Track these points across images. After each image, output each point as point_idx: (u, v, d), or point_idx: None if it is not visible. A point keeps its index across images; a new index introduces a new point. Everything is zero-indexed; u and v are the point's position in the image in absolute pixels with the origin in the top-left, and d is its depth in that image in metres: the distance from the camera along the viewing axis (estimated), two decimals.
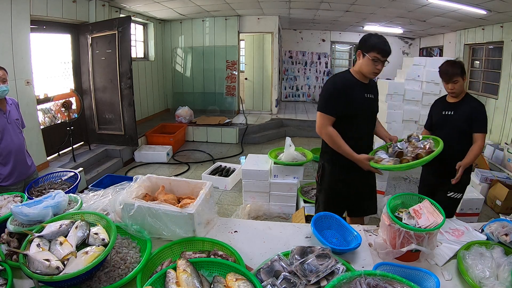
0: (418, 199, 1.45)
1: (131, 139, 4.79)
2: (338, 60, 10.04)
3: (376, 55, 1.69)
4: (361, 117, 1.84)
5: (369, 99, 1.86)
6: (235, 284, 1.02)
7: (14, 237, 1.25)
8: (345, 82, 1.79)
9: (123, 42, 4.41)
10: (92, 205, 1.51)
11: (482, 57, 5.94)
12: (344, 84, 1.78)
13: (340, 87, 1.77)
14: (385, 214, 1.31)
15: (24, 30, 3.50)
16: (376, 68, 1.72)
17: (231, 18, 6.82)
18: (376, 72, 1.74)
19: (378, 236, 1.38)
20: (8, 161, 2.11)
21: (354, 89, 1.78)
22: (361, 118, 1.85)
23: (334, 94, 1.77)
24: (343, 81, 1.80)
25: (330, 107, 1.77)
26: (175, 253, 1.29)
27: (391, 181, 4.24)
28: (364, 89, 1.82)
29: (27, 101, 3.55)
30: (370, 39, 1.73)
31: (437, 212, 1.32)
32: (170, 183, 1.61)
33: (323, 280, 1.04)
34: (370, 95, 1.86)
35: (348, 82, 1.79)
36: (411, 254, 1.29)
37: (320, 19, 7.24)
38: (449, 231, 1.50)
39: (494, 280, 1.14)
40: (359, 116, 1.82)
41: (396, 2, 4.97)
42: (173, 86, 7.64)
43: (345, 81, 1.80)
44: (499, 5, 4.19)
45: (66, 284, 1.03)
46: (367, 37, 1.74)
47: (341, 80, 1.81)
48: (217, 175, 4.06)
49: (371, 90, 1.88)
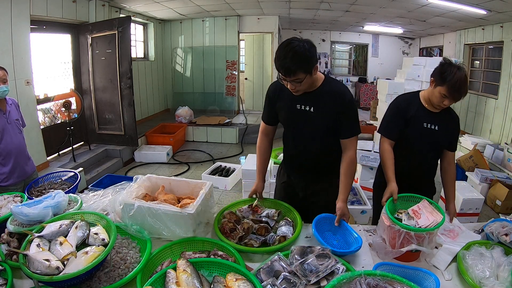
0: (417, 199, 1.45)
1: (131, 139, 4.79)
2: (338, 60, 10.05)
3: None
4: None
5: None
6: (235, 284, 1.02)
7: (14, 237, 1.25)
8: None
9: (123, 42, 4.41)
10: (92, 205, 1.51)
11: (482, 57, 5.94)
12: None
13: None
14: (385, 215, 1.31)
15: (24, 30, 3.50)
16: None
17: (231, 18, 6.81)
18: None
19: (377, 236, 1.37)
20: (8, 161, 2.11)
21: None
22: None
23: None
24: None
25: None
26: (175, 253, 1.29)
27: None
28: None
29: (27, 101, 3.55)
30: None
31: (436, 211, 1.32)
32: (170, 183, 1.61)
33: (323, 280, 1.04)
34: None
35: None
36: (411, 254, 1.28)
37: (320, 19, 7.24)
38: (444, 232, 1.50)
39: (494, 280, 1.14)
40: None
41: (396, 2, 4.97)
42: (173, 86, 7.64)
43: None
44: (499, 5, 4.19)
45: (66, 284, 1.03)
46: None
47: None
48: (217, 175, 4.06)
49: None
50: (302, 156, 1.61)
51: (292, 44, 1.32)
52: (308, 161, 1.62)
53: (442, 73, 1.54)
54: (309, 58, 1.33)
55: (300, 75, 1.34)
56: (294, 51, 1.30)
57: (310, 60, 1.34)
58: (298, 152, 1.63)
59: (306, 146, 1.59)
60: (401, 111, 1.69)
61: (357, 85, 9.63)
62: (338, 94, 1.47)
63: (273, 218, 1.55)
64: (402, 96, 1.78)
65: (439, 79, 1.55)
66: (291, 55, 1.30)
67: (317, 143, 1.56)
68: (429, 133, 1.66)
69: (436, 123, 1.65)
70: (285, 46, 1.33)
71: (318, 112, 1.49)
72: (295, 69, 1.32)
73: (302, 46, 1.31)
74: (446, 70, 1.53)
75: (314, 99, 1.48)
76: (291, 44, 1.32)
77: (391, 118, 1.74)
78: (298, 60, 1.31)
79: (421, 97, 1.71)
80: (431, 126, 1.66)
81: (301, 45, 1.31)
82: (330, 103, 1.47)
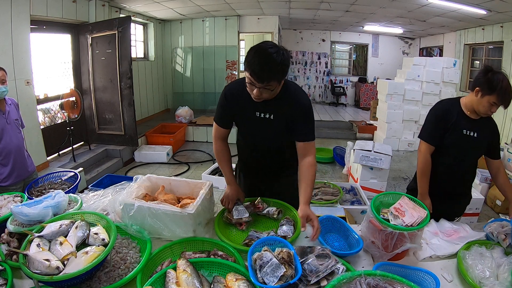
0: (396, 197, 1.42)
1: (131, 139, 4.79)
2: (338, 60, 10.05)
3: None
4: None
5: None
6: (235, 284, 1.02)
7: (14, 237, 1.25)
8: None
9: (123, 42, 4.41)
10: (92, 205, 1.51)
11: (482, 57, 5.95)
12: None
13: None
14: (374, 220, 1.28)
15: (24, 30, 3.50)
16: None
17: (231, 18, 6.82)
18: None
19: (365, 238, 1.35)
20: (8, 162, 2.11)
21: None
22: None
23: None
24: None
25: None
26: (175, 253, 1.29)
27: (391, 181, 4.25)
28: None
29: (27, 101, 3.55)
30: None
31: (418, 207, 1.31)
32: (170, 183, 1.61)
33: (323, 280, 1.04)
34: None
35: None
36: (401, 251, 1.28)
37: (320, 19, 7.25)
38: (444, 232, 1.51)
39: (494, 280, 1.14)
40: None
41: (396, 2, 4.97)
42: (173, 86, 7.64)
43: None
44: (499, 5, 4.19)
45: (66, 284, 1.03)
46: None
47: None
48: (217, 175, 4.06)
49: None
50: (263, 158, 1.62)
51: (270, 51, 1.25)
52: (268, 162, 1.63)
53: (489, 82, 1.51)
54: (285, 68, 1.29)
55: (272, 84, 1.30)
56: (272, 59, 1.24)
57: (286, 70, 1.30)
58: (259, 155, 1.62)
59: (266, 148, 1.58)
60: (443, 117, 1.69)
61: (357, 85, 9.63)
62: (296, 101, 1.44)
63: (273, 216, 1.55)
64: (442, 102, 1.77)
65: (487, 88, 1.52)
66: (269, 64, 1.24)
67: (277, 145, 1.57)
68: (468, 140, 1.65)
69: (475, 130, 1.65)
70: (261, 52, 1.26)
71: (277, 119, 1.46)
72: (269, 78, 1.27)
73: (281, 55, 1.26)
74: (494, 79, 1.50)
75: (274, 106, 1.44)
76: (269, 51, 1.25)
77: (433, 124, 1.72)
78: (275, 69, 1.26)
79: (462, 104, 1.68)
80: (470, 133, 1.65)
81: (280, 53, 1.26)
82: (288, 110, 1.44)
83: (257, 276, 1.03)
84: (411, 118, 5.68)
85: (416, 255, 1.34)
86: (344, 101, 9.74)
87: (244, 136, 1.65)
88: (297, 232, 1.41)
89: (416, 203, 1.34)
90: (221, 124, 1.59)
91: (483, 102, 1.56)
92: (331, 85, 9.61)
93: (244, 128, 1.60)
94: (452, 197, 1.80)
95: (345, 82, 9.86)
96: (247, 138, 1.64)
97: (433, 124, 1.72)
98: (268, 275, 1.00)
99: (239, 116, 1.54)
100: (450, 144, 1.69)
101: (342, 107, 9.45)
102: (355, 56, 9.92)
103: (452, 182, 1.77)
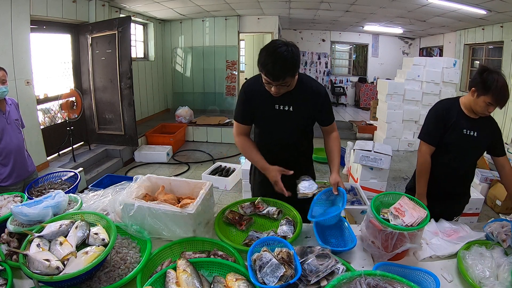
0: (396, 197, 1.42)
1: (131, 139, 4.79)
2: (338, 60, 10.05)
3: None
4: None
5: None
6: (235, 284, 1.02)
7: (14, 237, 1.25)
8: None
9: (123, 42, 4.41)
10: (92, 205, 1.50)
11: (482, 57, 5.95)
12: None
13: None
14: (374, 220, 1.28)
15: (24, 30, 3.50)
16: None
17: (231, 18, 6.82)
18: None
19: (365, 238, 1.34)
20: (8, 162, 2.11)
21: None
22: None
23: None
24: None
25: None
26: (175, 253, 1.29)
27: (391, 181, 4.24)
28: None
29: (27, 101, 3.55)
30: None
31: (418, 207, 1.31)
32: (170, 183, 1.61)
33: (323, 280, 1.04)
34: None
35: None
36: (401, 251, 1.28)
37: (320, 19, 7.24)
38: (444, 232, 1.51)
39: (494, 280, 1.14)
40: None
41: (396, 2, 4.97)
42: (173, 86, 7.64)
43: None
44: (499, 5, 4.19)
45: (66, 284, 1.03)
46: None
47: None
48: (217, 175, 4.06)
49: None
50: (281, 152, 1.66)
51: (280, 50, 1.32)
52: (287, 156, 1.66)
53: (484, 82, 1.51)
54: (297, 62, 1.37)
55: (288, 80, 1.39)
56: (283, 57, 1.32)
57: (297, 64, 1.39)
58: (277, 149, 1.66)
59: (285, 142, 1.64)
60: (443, 117, 1.69)
61: (357, 85, 9.63)
62: (314, 92, 1.55)
63: (273, 216, 1.56)
64: (442, 102, 1.77)
65: (482, 88, 1.52)
66: (280, 62, 1.32)
67: (295, 138, 1.64)
68: (469, 140, 1.66)
69: (476, 130, 1.65)
70: (272, 52, 1.34)
71: (297, 111, 1.55)
72: (284, 75, 1.36)
73: (290, 51, 1.33)
74: (488, 79, 1.50)
75: (292, 98, 1.53)
76: (279, 50, 1.32)
77: (433, 124, 1.72)
78: (287, 67, 1.34)
79: (461, 103, 1.69)
80: (470, 132, 1.65)
81: (289, 49, 1.33)
82: (307, 101, 1.54)
83: (257, 276, 1.03)
84: (411, 118, 5.68)
85: (416, 255, 1.34)
86: (344, 101, 9.75)
87: (262, 132, 1.69)
88: (297, 232, 1.41)
89: (416, 203, 1.34)
90: (242, 121, 1.65)
91: (479, 102, 1.56)
92: (331, 85, 9.61)
93: (263, 123, 1.65)
94: (452, 197, 1.80)
95: (345, 82, 9.87)
96: (265, 135, 1.68)
97: (433, 124, 1.72)
98: (268, 275, 1.01)
99: (259, 111, 1.60)
100: (450, 144, 1.69)
101: (342, 107, 9.46)
102: (355, 56, 9.92)
103: (452, 181, 1.77)
